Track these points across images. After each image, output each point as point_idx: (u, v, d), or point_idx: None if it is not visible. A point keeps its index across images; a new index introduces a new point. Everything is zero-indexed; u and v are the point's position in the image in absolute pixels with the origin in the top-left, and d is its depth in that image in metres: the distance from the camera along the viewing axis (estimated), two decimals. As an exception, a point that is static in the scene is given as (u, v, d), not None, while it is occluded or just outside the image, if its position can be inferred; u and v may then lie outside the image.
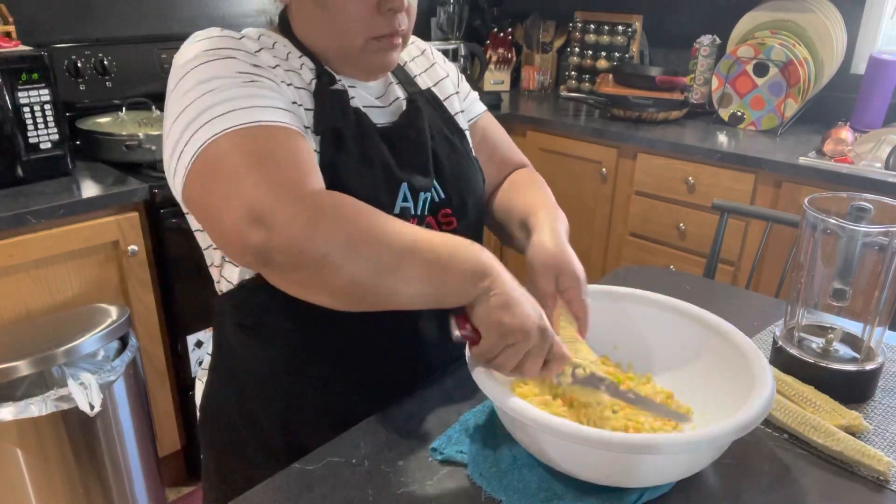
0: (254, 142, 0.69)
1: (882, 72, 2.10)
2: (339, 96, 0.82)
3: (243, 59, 0.76)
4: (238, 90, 0.72)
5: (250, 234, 0.64)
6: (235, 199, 0.65)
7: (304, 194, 0.66)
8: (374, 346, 0.86)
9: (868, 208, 0.86)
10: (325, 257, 0.64)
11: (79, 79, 1.97)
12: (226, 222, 0.66)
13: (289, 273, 0.67)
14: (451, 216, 0.89)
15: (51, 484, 1.49)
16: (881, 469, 0.75)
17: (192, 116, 0.71)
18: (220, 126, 0.69)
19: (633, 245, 2.35)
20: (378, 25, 0.80)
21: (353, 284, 0.66)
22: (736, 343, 0.81)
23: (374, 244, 0.66)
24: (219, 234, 0.68)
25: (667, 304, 0.89)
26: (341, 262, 0.64)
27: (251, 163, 0.67)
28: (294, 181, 0.67)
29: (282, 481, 0.73)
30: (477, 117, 1.03)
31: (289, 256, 0.64)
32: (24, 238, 1.51)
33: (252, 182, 0.66)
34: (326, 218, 0.65)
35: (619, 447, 0.64)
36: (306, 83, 0.82)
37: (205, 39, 0.77)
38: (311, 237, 0.64)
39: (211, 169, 0.69)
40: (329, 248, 0.64)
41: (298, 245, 0.63)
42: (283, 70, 0.80)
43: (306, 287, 0.68)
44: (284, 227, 0.63)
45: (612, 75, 2.58)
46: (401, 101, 0.91)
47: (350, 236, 0.65)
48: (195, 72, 0.74)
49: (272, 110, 0.72)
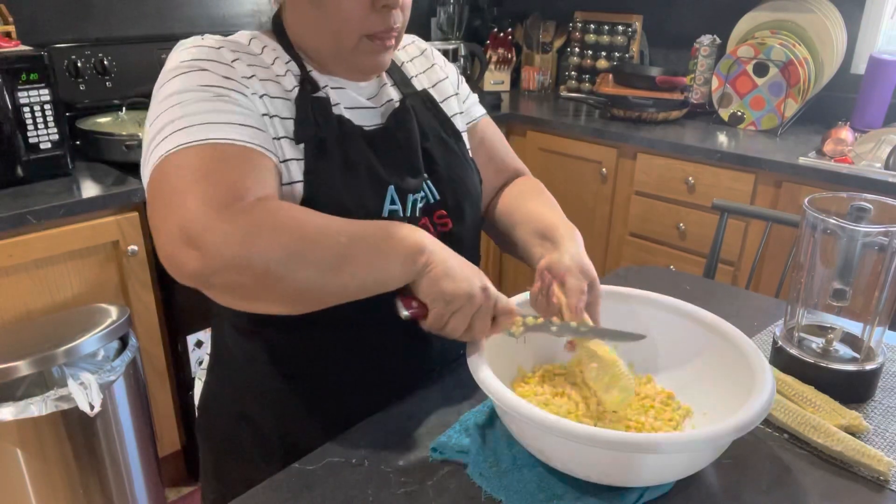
0: (199, 160, 0.69)
1: (882, 72, 2.10)
2: (321, 104, 0.82)
3: (215, 70, 0.76)
4: (200, 105, 0.73)
5: (185, 257, 0.64)
6: (170, 219, 0.66)
7: (239, 210, 0.66)
8: (369, 347, 0.86)
9: (868, 208, 0.86)
10: (267, 272, 0.64)
11: (79, 79, 1.97)
12: (161, 242, 0.66)
13: (231, 292, 0.68)
14: (446, 217, 0.89)
15: (51, 484, 1.49)
16: (881, 469, 0.75)
17: (156, 130, 0.73)
18: (172, 143, 0.70)
19: (633, 245, 2.35)
20: (373, 23, 0.80)
21: (298, 291, 0.67)
22: (736, 343, 0.81)
23: (314, 248, 0.67)
24: (159, 253, 0.68)
25: (667, 305, 0.89)
26: (283, 273, 0.65)
27: (190, 181, 0.67)
28: (230, 198, 0.67)
29: (282, 481, 0.73)
30: (476, 120, 1.03)
31: (227, 278, 0.64)
32: (24, 238, 1.51)
33: (187, 201, 0.66)
34: (261, 232, 0.65)
35: (618, 446, 0.64)
36: (287, 91, 0.81)
37: (183, 50, 0.78)
38: (247, 255, 0.64)
39: (157, 186, 0.69)
40: (268, 262, 0.64)
41: (236, 264, 0.64)
42: (258, 80, 0.79)
43: (252, 301, 0.69)
44: (218, 250, 0.63)
45: (612, 75, 2.58)
46: (394, 102, 0.90)
47: (287, 246, 0.65)
48: (167, 85, 0.75)
49: (230, 127, 0.72)
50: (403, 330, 0.86)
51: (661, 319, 0.89)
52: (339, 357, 0.86)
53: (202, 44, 0.79)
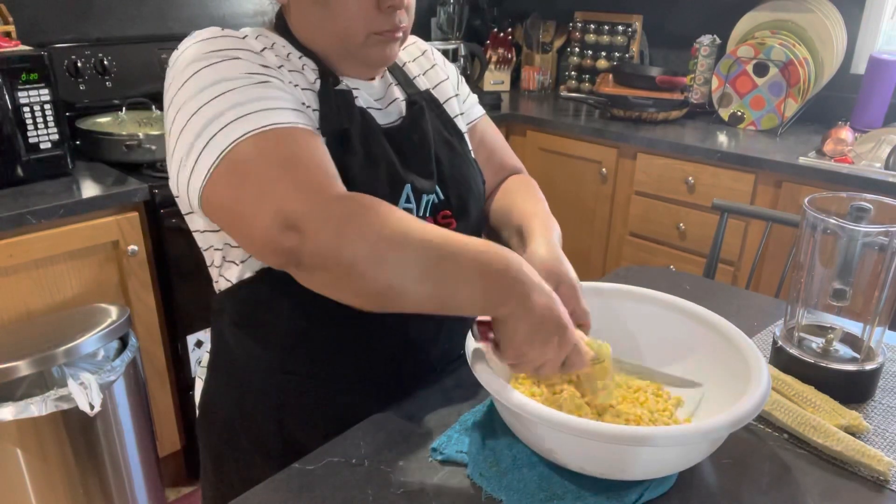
0: (277, 145, 0.69)
1: (882, 72, 2.10)
2: (344, 96, 0.82)
3: (249, 59, 0.75)
4: (250, 92, 0.72)
5: (283, 239, 0.65)
6: (267, 205, 0.66)
7: (333, 198, 0.67)
8: (371, 346, 0.86)
9: (868, 208, 0.86)
10: (352, 265, 0.65)
11: (79, 79, 1.97)
12: (258, 227, 0.67)
13: (317, 276, 0.68)
14: (450, 217, 0.89)
15: (51, 484, 1.49)
16: (881, 469, 0.75)
17: (206, 121, 0.71)
18: (239, 130, 0.69)
19: (633, 245, 2.35)
20: (378, 22, 0.80)
21: (377, 292, 0.67)
22: (730, 337, 0.81)
23: (400, 253, 0.66)
24: (249, 238, 0.69)
25: (658, 300, 0.89)
26: (366, 271, 0.65)
27: (278, 167, 0.68)
28: (322, 184, 0.68)
29: (282, 481, 0.73)
30: (476, 120, 1.03)
31: (318, 260, 0.65)
32: (24, 238, 1.51)
33: (282, 187, 0.67)
34: (354, 224, 0.65)
35: (614, 439, 0.64)
36: (310, 83, 0.82)
37: (207, 40, 0.76)
38: (338, 245, 0.64)
39: (237, 174, 0.69)
40: (355, 257, 0.64)
41: (327, 251, 0.64)
42: (287, 70, 0.79)
43: (334, 288, 0.69)
44: (315, 233, 0.64)
45: (612, 75, 2.58)
46: (399, 102, 0.90)
47: (375, 245, 0.65)
48: (201, 74, 0.73)
49: (287, 111, 0.72)
50: (405, 331, 0.86)
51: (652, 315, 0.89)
52: (339, 357, 0.86)
53: (225, 34, 0.77)
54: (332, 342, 0.85)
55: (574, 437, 0.66)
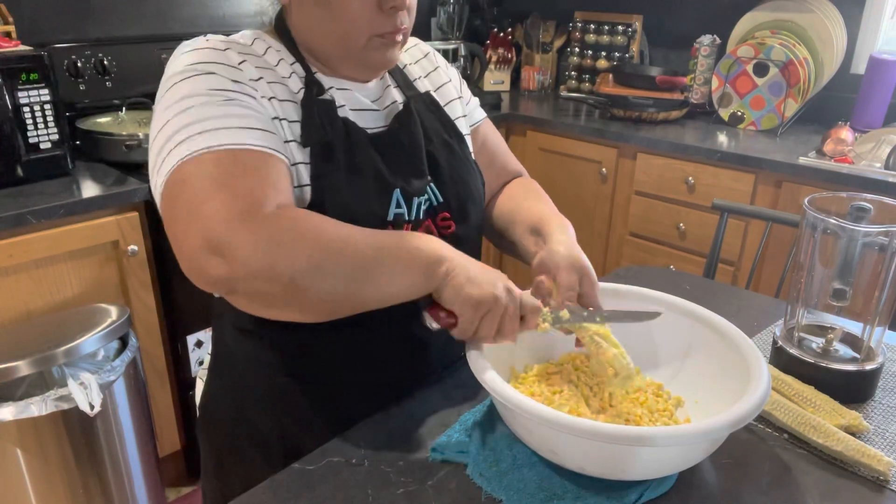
0: (217, 167, 0.69)
1: (882, 72, 2.10)
2: (326, 107, 0.82)
3: (224, 73, 0.76)
4: (211, 110, 0.72)
5: (210, 266, 0.64)
6: (193, 229, 0.66)
7: (262, 219, 0.66)
8: (369, 348, 0.86)
9: (868, 208, 0.86)
10: (292, 281, 0.65)
11: (79, 79, 1.97)
12: (185, 251, 0.66)
13: (255, 300, 0.69)
14: (449, 220, 0.89)
15: (51, 484, 1.49)
16: (881, 469, 0.75)
17: (167, 136, 0.72)
18: (188, 149, 0.70)
19: (633, 245, 2.35)
20: (380, 23, 0.80)
21: (322, 301, 0.68)
22: (730, 337, 0.81)
23: (338, 259, 0.67)
24: (181, 262, 0.68)
25: (659, 300, 0.90)
26: (308, 284, 0.66)
27: (211, 189, 0.67)
28: (252, 206, 0.67)
29: (282, 481, 0.73)
30: (477, 123, 1.04)
31: (253, 286, 0.65)
32: (24, 238, 1.51)
33: (209, 210, 0.66)
34: (286, 242, 0.65)
35: (614, 439, 0.64)
36: (293, 94, 0.81)
37: (189, 52, 0.77)
38: (273, 265, 0.64)
39: (175, 194, 0.69)
40: (293, 273, 0.65)
41: (262, 274, 0.64)
42: (266, 83, 0.79)
43: (274, 308, 0.70)
44: (244, 259, 0.64)
45: (612, 75, 2.58)
46: (397, 104, 0.90)
47: (311, 257, 0.66)
48: (175, 88, 0.75)
49: (243, 131, 0.72)
50: (404, 332, 0.86)
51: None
52: (339, 358, 0.86)
53: (207, 45, 0.78)
54: (331, 345, 0.85)
55: (574, 437, 0.66)
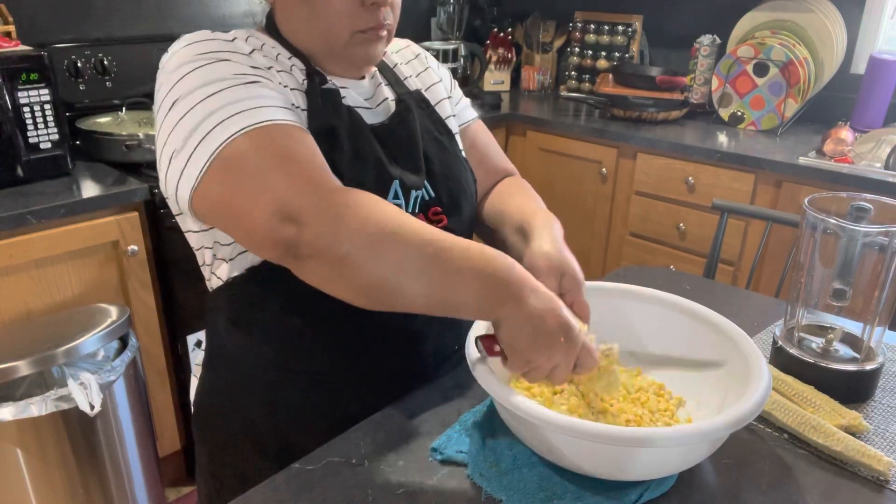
0: (272, 141, 0.70)
1: (882, 72, 2.10)
2: (331, 94, 0.83)
3: (239, 60, 0.76)
4: (241, 91, 0.73)
5: (282, 230, 0.66)
6: (265, 197, 0.67)
7: (329, 191, 0.68)
8: (362, 341, 0.86)
9: (868, 208, 0.86)
10: (347, 256, 0.66)
11: (79, 79, 1.97)
12: (256, 220, 0.68)
13: (314, 267, 0.68)
14: (441, 214, 0.90)
15: (51, 484, 1.49)
16: (881, 469, 0.75)
17: (198, 119, 0.71)
18: (234, 127, 0.70)
19: (633, 245, 2.35)
20: (362, 19, 0.80)
21: (373, 283, 0.68)
22: (731, 337, 0.81)
23: (396, 247, 0.67)
24: (247, 231, 0.70)
25: (659, 299, 0.90)
26: (362, 263, 0.66)
27: (274, 161, 0.69)
28: (318, 178, 0.69)
29: (282, 481, 0.73)
30: (468, 123, 1.04)
31: (315, 251, 0.66)
32: (24, 238, 1.51)
33: (279, 180, 0.68)
34: (350, 217, 0.66)
35: (614, 440, 0.64)
36: (299, 83, 0.82)
37: (196, 42, 0.77)
38: (335, 234, 0.66)
39: (233, 169, 0.70)
40: (351, 248, 0.66)
41: (324, 242, 0.66)
42: (276, 71, 0.80)
43: (329, 281, 0.70)
44: (313, 224, 0.66)
45: (612, 75, 2.58)
46: (389, 101, 0.91)
47: (371, 238, 0.66)
48: (193, 75, 0.74)
49: (280, 109, 0.74)
50: (397, 324, 0.86)
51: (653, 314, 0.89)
52: (332, 351, 0.86)
53: (213, 37, 0.78)
54: (324, 338, 0.85)
55: (574, 437, 0.66)
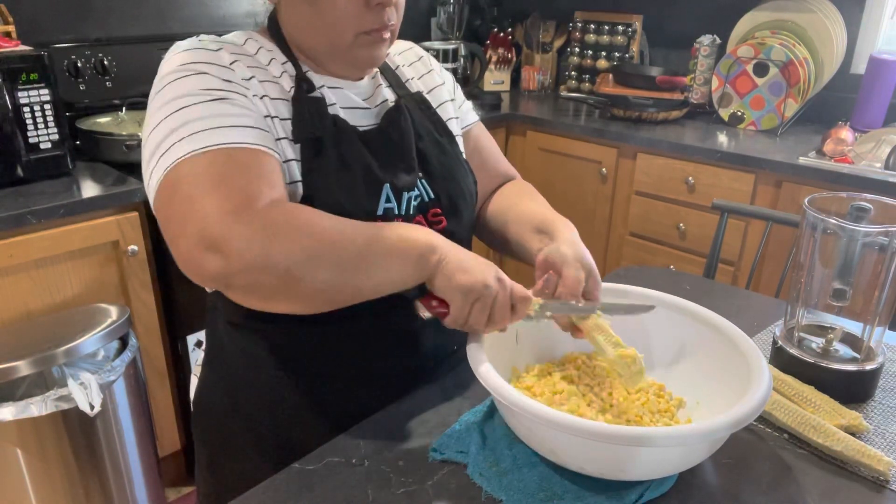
0: (211, 166, 0.70)
1: (882, 72, 2.10)
2: (316, 104, 0.83)
3: (215, 73, 0.76)
4: (203, 109, 0.73)
5: (206, 261, 0.66)
6: (190, 226, 0.67)
7: (255, 213, 0.68)
8: (360, 340, 0.86)
9: (868, 208, 0.86)
10: (287, 272, 0.67)
11: (79, 79, 1.97)
12: (182, 249, 0.68)
13: (251, 293, 0.70)
14: (440, 215, 0.90)
15: (51, 484, 1.49)
16: (881, 469, 0.75)
17: (160, 138, 0.73)
18: (181, 150, 0.71)
19: (633, 245, 2.35)
20: (367, 20, 0.80)
21: (317, 291, 0.70)
22: (731, 337, 0.81)
23: (332, 250, 0.69)
24: (178, 260, 0.70)
25: (659, 300, 0.90)
26: (303, 274, 0.67)
27: (205, 188, 0.69)
28: (246, 202, 0.68)
29: (282, 481, 0.73)
30: (470, 126, 1.04)
31: (249, 278, 0.67)
32: (24, 238, 1.51)
33: (204, 207, 0.67)
34: (280, 234, 0.67)
35: (614, 439, 0.64)
36: (285, 92, 0.82)
37: (181, 52, 0.78)
38: (268, 256, 0.66)
39: (170, 194, 0.70)
40: (289, 263, 0.66)
41: (258, 266, 0.66)
42: (258, 81, 0.80)
43: (270, 300, 0.71)
44: (240, 252, 0.65)
45: (612, 75, 2.58)
46: (388, 103, 0.91)
47: (306, 248, 0.67)
48: (166, 89, 0.75)
49: (235, 130, 0.73)
50: (394, 324, 0.86)
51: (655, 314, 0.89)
52: (330, 351, 0.86)
53: (199, 46, 0.79)
54: (322, 338, 0.85)
55: (574, 437, 0.66)
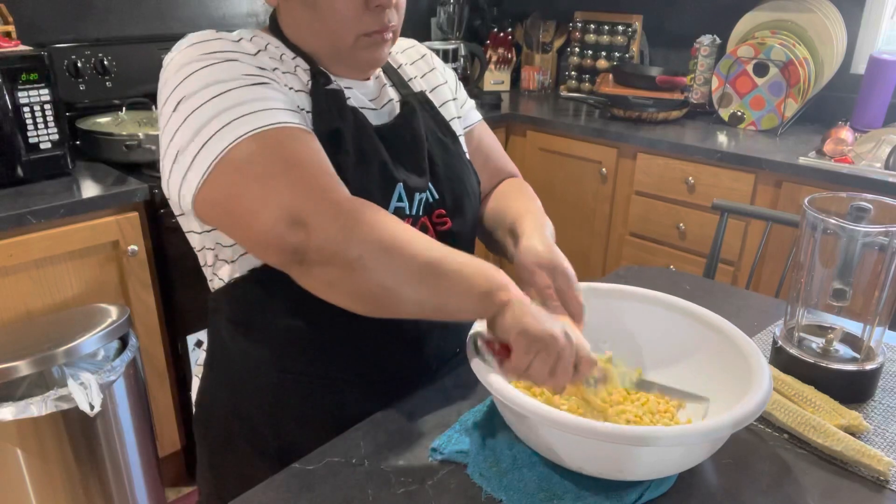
0: (279, 145, 0.70)
1: (882, 72, 2.10)
2: (336, 96, 0.82)
3: (246, 61, 0.76)
4: (249, 92, 0.72)
5: (289, 235, 0.67)
6: (272, 202, 0.67)
7: (338, 198, 0.69)
8: (363, 343, 0.86)
9: (868, 208, 0.86)
10: (359, 259, 0.67)
11: (79, 79, 1.97)
12: (262, 224, 0.68)
13: (320, 272, 0.69)
14: (445, 216, 0.90)
15: (51, 484, 1.49)
16: (881, 469, 0.75)
17: (203, 120, 0.71)
18: (240, 129, 0.70)
19: (633, 245, 2.35)
20: (367, 22, 0.80)
21: (380, 288, 0.69)
22: (731, 338, 0.81)
23: (405, 252, 0.68)
24: (252, 235, 0.70)
25: (659, 300, 0.90)
26: (373, 266, 0.67)
27: (282, 166, 0.69)
28: (325, 184, 0.70)
29: (282, 481, 0.73)
30: (472, 125, 1.04)
31: (324, 256, 0.67)
32: (24, 238, 1.51)
33: (286, 184, 0.68)
34: (362, 222, 0.68)
35: (615, 439, 0.64)
36: (303, 84, 0.82)
37: (202, 42, 0.76)
38: (347, 238, 0.67)
39: (239, 172, 0.70)
40: (363, 251, 0.67)
41: (335, 245, 0.66)
42: (281, 72, 0.80)
43: (334, 287, 0.70)
44: (323, 229, 0.66)
45: (612, 75, 2.58)
46: (394, 102, 0.91)
47: (383, 241, 0.68)
48: (199, 74, 0.73)
49: (286, 112, 0.74)
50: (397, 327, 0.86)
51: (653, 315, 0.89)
52: (333, 353, 0.86)
53: (219, 37, 0.77)
54: (326, 340, 0.85)
55: (575, 436, 0.66)
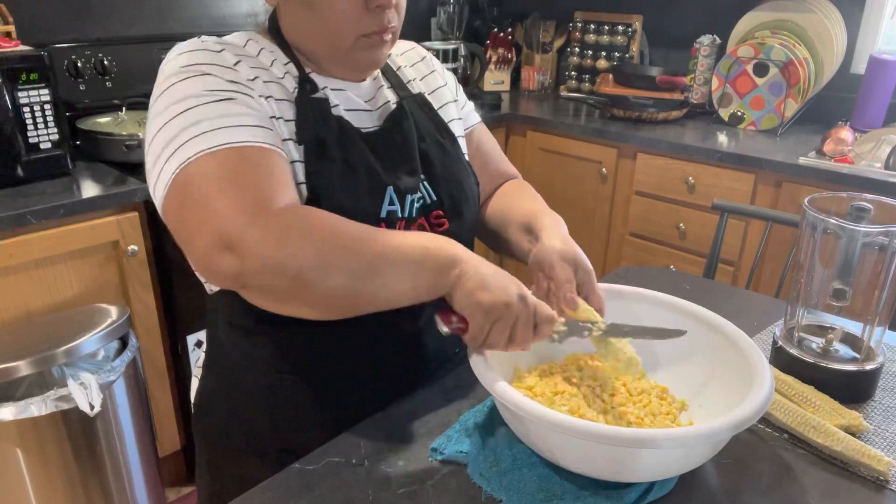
0: (222, 166, 0.70)
1: (882, 72, 2.10)
2: (320, 105, 0.82)
3: (219, 74, 0.76)
4: (210, 110, 0.73)
5: (222, 261, 0.66)
6: (205, 226, 0.67)
7: (271, 214, 0.68)
8: (362, 345, 0.86)
9: (868, 208, 0.86)
10: (299, 275, 0.66)
11: (79, 79, 1.97)
12: (197, 249, 0.68)
13: (266, 294, 0.69)
14: (442, 217, 0.90)
15: (51, 484, 1.49)
16: (881, 469, 0.75)
17: (166, 139, 0.72)
18: (190, 150, 0.70)
19: (633, 245, 2.35)
20: (367, 23, 0.80)
21: (330, 297, 0.69)
22: (732, 338, 0.81)
23: (346, 255, 0.68)
24: (193, 260, 0.70)
25: (659, 301, 0.90)
26: (316, 277, 0.67)
27: (219, 188, 0.68)
28: (261, 202, 0.68)
29: (282, 481, 0.73)
30: (472, 127, 1.04)
31: (263, 278, 0.66)
32: (24, 238, 1.51)
33: (219, 208, 0.67)
34: (295, 236, 0.66)
35: (615, 441, 0.64)
36: (289, 93, 0.82)
37: (184, 53, 0.78)
38: (282, 258, 0.65)
39: (182, 195, 0.70)
40: (302, 266, 0.66)
41: (271, 266, 0.65)
42: (262, 82, 0.79)
43: (285, 302, 0.70)
44: (255, 252, 0.65)
45: (612, 75, 2.58)
46: (390, 104, 0.91)
47: (320, 251, 0.67)
48: (171, 90, 0.75)
49: (243, 129, 0.73)
50: (397, 329, 0.86)
51: (656, 316, 0.89)
52: (332, 355, 0.86)
53: (202, 47, 0.78)
54: (324, 342, 0.85)
55: (575, 438, 0.66)
